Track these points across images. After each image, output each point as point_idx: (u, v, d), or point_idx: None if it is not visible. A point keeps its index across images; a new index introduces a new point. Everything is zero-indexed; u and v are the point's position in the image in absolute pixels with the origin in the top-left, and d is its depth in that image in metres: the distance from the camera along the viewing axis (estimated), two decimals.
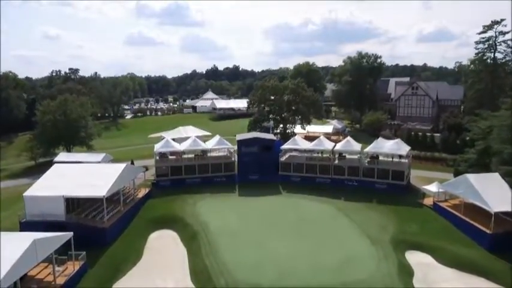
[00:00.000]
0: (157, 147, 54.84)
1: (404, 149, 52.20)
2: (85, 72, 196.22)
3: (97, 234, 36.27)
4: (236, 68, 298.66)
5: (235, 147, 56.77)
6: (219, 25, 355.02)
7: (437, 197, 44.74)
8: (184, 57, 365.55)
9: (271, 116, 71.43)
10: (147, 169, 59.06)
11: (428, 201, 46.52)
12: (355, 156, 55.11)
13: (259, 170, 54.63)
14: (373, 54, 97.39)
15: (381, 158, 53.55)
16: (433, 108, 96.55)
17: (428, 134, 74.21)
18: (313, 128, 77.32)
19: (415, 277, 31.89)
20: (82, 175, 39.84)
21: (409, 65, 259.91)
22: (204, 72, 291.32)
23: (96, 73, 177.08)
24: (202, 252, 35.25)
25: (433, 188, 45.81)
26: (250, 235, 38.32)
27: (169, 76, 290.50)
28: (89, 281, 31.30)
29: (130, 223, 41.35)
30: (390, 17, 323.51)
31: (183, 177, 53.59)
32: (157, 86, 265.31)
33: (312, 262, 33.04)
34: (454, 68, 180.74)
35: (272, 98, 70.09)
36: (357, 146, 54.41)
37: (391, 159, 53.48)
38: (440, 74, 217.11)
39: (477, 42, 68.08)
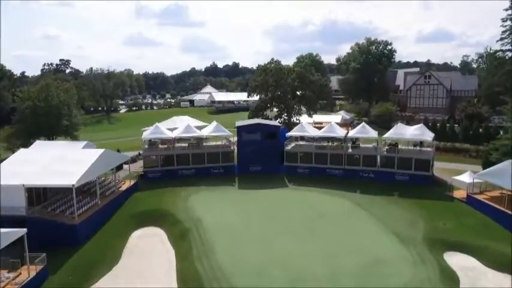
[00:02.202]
0: (146, 134, 48.25)
1: (428, 134, 45.61)
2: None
3: (65, 232, 29.80)
4: (236, 65, 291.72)
5: (235, 138, 50.06)
6: (218, 25, 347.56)
7: (471, 188, 38.19)
8: (184, 58, 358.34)
9: (274, 103, 64.55)
10: (135, 160, 52.79)
11: (459, 193, 40.06)
12: (370, 145, 48.66)
13: (261, 160, 48.05)
14: (382, 41, 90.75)
15: (399, 146, 47.01)
16: (446, 98, 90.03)
17: (447, 124, 67.63)
18: (320, 118, 70.69)
19: (461, 284, 25.34)
20: (50, 161, 33.21)
21: (412, 61, 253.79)
22: (203, 69, 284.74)
23: (91, 68, 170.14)
24: (193, 253, 28.70)
25: (465, 178, 39.27)
26: (253, 233, 31.78)
27: (168, 75, 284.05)
28: None
29: (109, 219, 34.75)
30: (390, 17, 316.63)
31: (175, 168, 46.98)
32: (155, 83, 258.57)
33: (329, 265, 26.58)
34: (460, 63, 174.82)
35: (275, 83, 63.01)
36: (373, 132, 47.82)
37: (412, 147, 47.01)
38: (445, 69, 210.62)
39: (504, 20, 61.32)
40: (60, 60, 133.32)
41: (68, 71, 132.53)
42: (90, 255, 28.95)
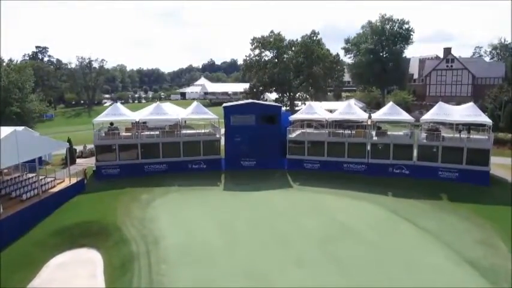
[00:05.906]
0: (99, 117, 36.30)
1: (484, 116, 33.77)
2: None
3: None
4: (234, 61, 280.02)
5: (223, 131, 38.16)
6: (218, 25, 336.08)
7: None
8: (184, 58, 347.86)
9: (273, 85, 52.32)
10: (93, 154, 40.81)
11: None
12: (401, 133, 36.82)
13: (257, 151, 36.37)
14: (398, 19, 78.46)
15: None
16: (471, 85, 78.44)
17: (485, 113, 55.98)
18: (329, 105, 58.62)
19: None
20: None
21: (417, 56, 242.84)
22: (201, 66, 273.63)
23: (81, 63, 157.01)
24: None
25: None
26: (239, 261, 19.78)
27: (164, 72, 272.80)
28: None
29: (18, 238, 22.66)
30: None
31: (140, 162, 34.98)
32: (149, 79, 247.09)
33: None
34: (472, 54, 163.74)
35: (274, 59, 50.78)
36: (406, 114, 35.93)
37: (457, 135, 35.10)
38: None
39: None
40: (37, 47, 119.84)
41: (46, 59, 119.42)
42: None
